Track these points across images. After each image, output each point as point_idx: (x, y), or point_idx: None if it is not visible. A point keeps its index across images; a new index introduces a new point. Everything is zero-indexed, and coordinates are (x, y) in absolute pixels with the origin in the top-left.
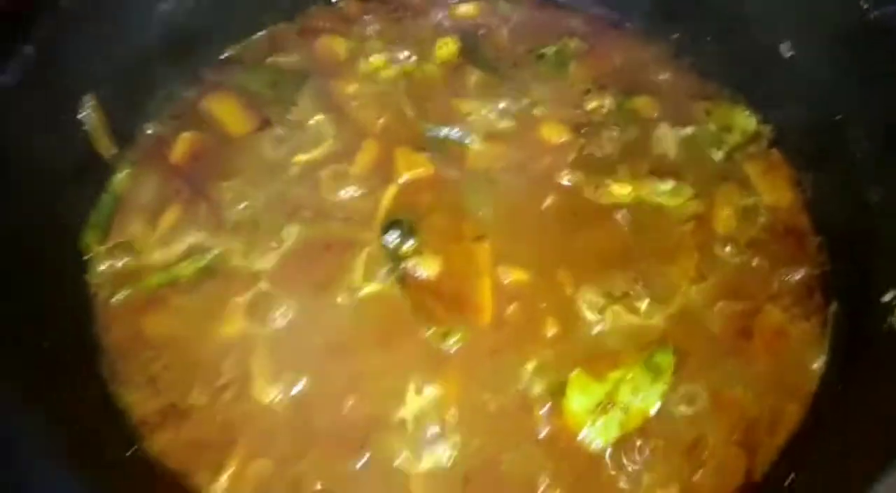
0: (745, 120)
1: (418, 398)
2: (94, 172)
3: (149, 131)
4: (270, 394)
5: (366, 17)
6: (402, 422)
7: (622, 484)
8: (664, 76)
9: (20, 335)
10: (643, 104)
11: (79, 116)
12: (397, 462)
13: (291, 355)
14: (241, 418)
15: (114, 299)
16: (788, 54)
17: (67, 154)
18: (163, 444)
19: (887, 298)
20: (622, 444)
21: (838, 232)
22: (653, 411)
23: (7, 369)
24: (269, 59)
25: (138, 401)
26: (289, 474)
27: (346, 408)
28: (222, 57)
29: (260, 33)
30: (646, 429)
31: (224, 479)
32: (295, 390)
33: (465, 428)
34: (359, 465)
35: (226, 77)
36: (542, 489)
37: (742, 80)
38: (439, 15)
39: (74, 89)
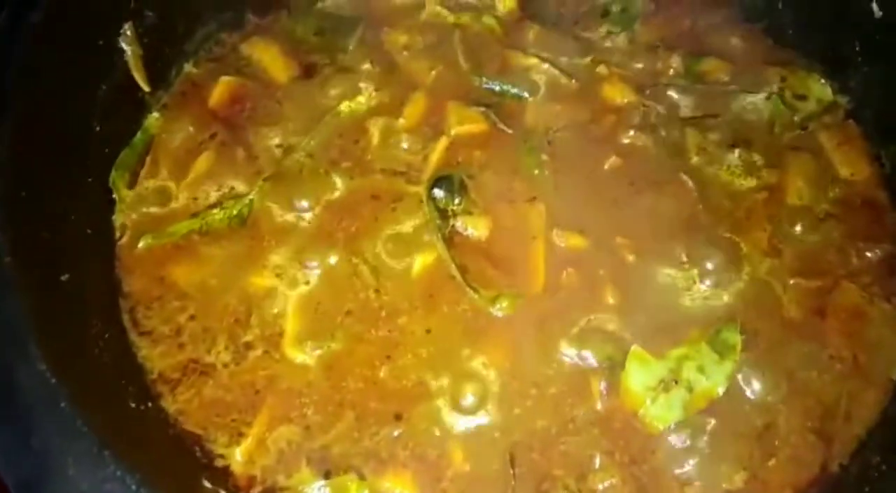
0: (821, 89)
1: (461, 367)
2: (130, 106)
3: (186, 72)
4: (302, 354)
5: None
6: (442, 393)
7: (684, 470)
8: (735, 40)
9: (37, 260)
10: (713, 67)
11: (118, 45)
12: (435, 437)
13: (327, 312)
14: (268, 379)
15: (140, 245)
16: (879, 14)
17: (104, 81)
18: (181, 403)
19: None
20: (685, 426)
21: None
22: (719, 391)
23: (19, 291)
24: (318, 5)
25: (159, 354)
26: (316, 444)
27: (383, 374)
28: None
29: None
30: (711, 411)
31: (244, 446)
32: (328, 352)
33: (512, 401)
34: (393, 437)
35: (270, 21)
36: (594, 470)
37: (819, 47)
38: None
39: (114, 15)
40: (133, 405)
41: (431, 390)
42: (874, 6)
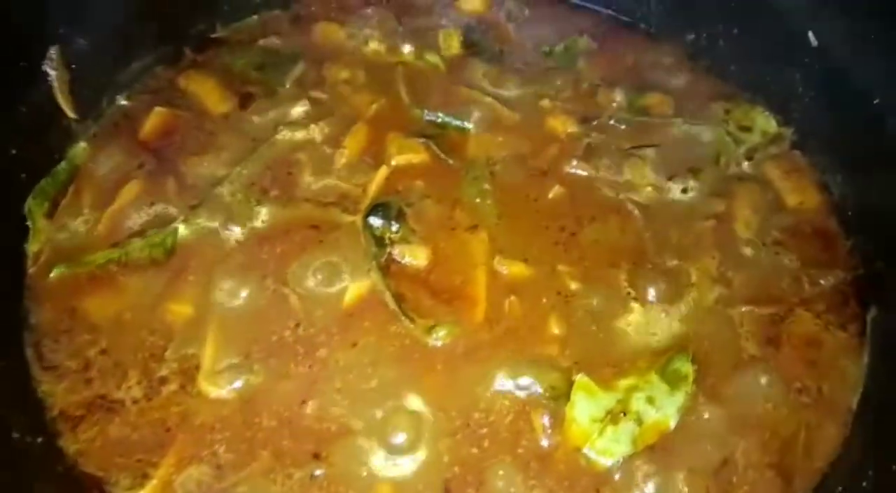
0: (765, 121)
1: (392, 402)
2: (54, 133)
3: (119, 103)
4: (217, 387)
5: (367, 9)
6: (370, 429)
7: None
8: (679, 76)
9: None
10: (656, 101)
11: (43, 68)
12: (361, 477)
13: (248, 344)
14: (180, 415)
15: (52, 274)
16: (815, 43)
17: (23, 102)
18: (82, 443)
19: None
20: (635, 462)
21: (874, 234)
22: (671, 424)
23: None
24: (260, 42)
25: (63, 390)
26: (227, 484)
27: (305, 409)
28: (209, 37)
29: (252, 17)
30: (663, 446)
31: (148, 489)
32: (247, 386)
33: (448, 438)
34: (311, 478)
35: (209, 57)
36: None
37: (761, 81)
38: (444, 9)
39: (40, 37)
40: (16, 436)
41: (354, 427)
42: (810, 36)
